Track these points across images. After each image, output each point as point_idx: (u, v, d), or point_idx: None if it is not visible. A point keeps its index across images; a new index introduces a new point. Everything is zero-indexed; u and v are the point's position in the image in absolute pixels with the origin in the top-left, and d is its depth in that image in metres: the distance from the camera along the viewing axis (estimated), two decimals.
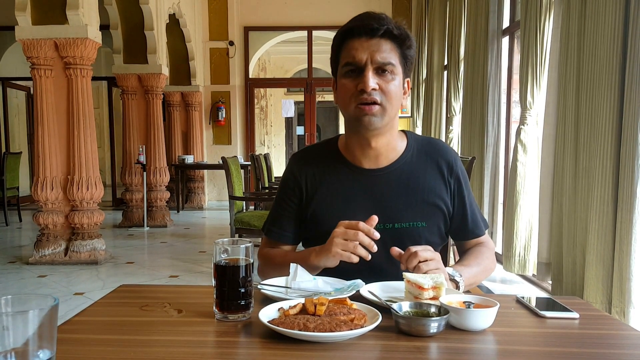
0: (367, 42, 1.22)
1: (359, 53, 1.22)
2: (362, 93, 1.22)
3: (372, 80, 1.21)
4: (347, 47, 1.25)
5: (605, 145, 2.71)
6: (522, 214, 3.84)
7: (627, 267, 2.51)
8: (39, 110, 4.66)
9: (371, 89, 1.21)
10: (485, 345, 0.93)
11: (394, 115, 1.29)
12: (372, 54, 1.22)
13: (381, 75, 1.23)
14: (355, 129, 1.30)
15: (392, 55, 1.23)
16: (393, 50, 1.24)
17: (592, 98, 2.86)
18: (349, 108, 1.26)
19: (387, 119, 1.26)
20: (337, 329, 0.89)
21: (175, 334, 0.97)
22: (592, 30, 2.84)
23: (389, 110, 1.25)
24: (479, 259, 1.37)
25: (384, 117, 1.25)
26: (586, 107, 2.92)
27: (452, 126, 6.09)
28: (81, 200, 4.75)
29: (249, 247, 1.05)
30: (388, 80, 1.23)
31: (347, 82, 1.25)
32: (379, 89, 1.22)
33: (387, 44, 1.23)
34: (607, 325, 1.04)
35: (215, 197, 9.29)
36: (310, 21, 8.77)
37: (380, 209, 1.30)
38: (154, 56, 6.69)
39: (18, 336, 0.65)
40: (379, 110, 1.23)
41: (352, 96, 1.24)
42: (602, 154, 2.73)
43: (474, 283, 1.32)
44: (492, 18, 4.69)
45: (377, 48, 1.22)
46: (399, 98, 1.27)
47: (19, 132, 10.16)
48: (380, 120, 1.25)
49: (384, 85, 1.23)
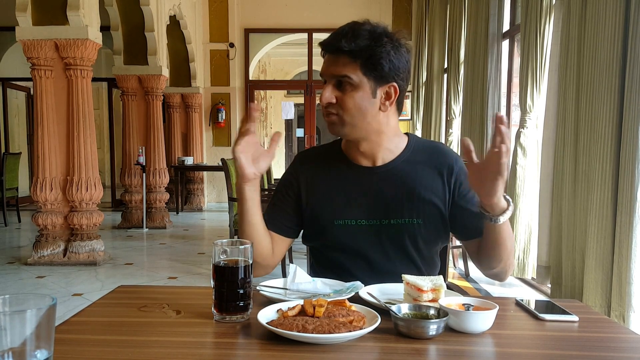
0: (329, 58, 1.30)
1: (324, 67, 1.31)
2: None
3: (328, 94, 1.28)
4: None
5: (605, 149, 2.71)
6: (522, 217, 3.84)
7: (626, 271, 2.51)
8: (39, 111, 4.66)
9: (326, 103, 1.28)
10: (484, 347, 0.93)
11: (364, 125, 1.30)
12: (328, 69, 1.29)
13: (340, 88, 1.28)
14: None
15: (348, 69, 1.26)
16: (349, 64, 1.26)
17: (592, 101, 2.86)
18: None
19: (351, 128, 1.30)
20: (336, 331, 0.89)
21: (174, 335, 0.96)
22: (592, 34, 2.85)
23: (349, 121, 1.29)
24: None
25: (344, 127, 1.30)
26: (586, 110, 2.92)
27: (452, 129, 6.09)
28: (80, 201, 4.75)
29: (248, 249, 1.05)
30: (346, 91, 1.28)
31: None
32: (337, 101, 1.28)
33: (344, 59, 1.27)
34: (607, 329, 1.04)
35: (215, 199, 9.29)
36: (311, 23, 8.78)
37: (377, 205, 1.34)
38: (154, 57, 6.70)
39: (15, 336, 0.65)
40: (337, 120, 1.29)
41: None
42: (601, 157, 2.73)
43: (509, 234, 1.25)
44: (492, 21, 4.69)
45: (334, 63, 1.28)
46: (364, 108, 1.28)
47: (19, 132, 10.16)
48: (341, 129, 1.31)
49: (341, 97, 1.28)
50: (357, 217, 1.34)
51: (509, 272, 1.34)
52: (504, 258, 1.28)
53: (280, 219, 1.39)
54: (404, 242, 1.34)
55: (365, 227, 1.34)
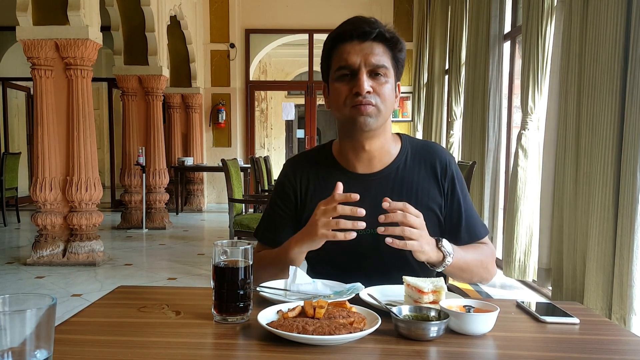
0: (359, 46, 1.23)
1: (352, 56, 1.23)
2: (357, 96, 1.23)
3: (366, 83, 1.22)
4: (340, 51, 1.26)
5: (606, 151, 2.71)
6: (523, 219, 3.83)
7: (627, 273, 2.51)
8: (39, 111, 4.66)
9: (366, 92, 1.22)
10: (485, 349, 0.93)
11: (388, 117, 1.30)
12: (365, 57, 1.22)
13: (374, 78, 1.24)
14: (350, 131, 1.30)
15: (384, 58, 1.24)
16: (385, 53, 1.25)
17: (593, 103, 2.86)
18: (343, 110, 1.27)
19: (381, 120, 1.27)
20: (336, 332, 0.89)
21: (173, 335, 0.96)
22: (594, 35, 2.84)
23: (383, 112, 1.26)
24: (477, 250, 1.33)
25: (378, 118, 1.26)
26: (587, 112, 2.92)
27: (453, 131, 6.09)
28: (80, 201, 4.74)
29: (248, 249, 1.05)
30: (382, 82, 1.24)
31: (341, 85, 1.26)
32: (374, 92, 1.23)
33: (379, 47, 1.24)
34: (608, 331, 1.04)
35: (215, 200, 9.28)
36: (312, 24, 8.78)
37: (374, 213, 1.29)
38: (154, 58, 6.70)
39: (15, 336, 0.65)
40: (374, 110, 1.24)
41: (347, 99, 1.25)
42: (603, 159, 2.73)
43: (463, 267, 1.26)
44: (493, 22, 4.69)
45: (370, 51, 1.23)
46: (392, 101, 1.29)
47: (19, 132, 10.16)
48: (375, 121, 1.26)
49: (378, 87, 1.24)
50: None
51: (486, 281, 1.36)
52: (466, 280, 1.33)
53: (281, 236, 1.34)
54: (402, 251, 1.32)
55: (363, 236, 1.29)
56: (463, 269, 1.26)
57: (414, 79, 8.00)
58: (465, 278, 1.31)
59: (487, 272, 1.34)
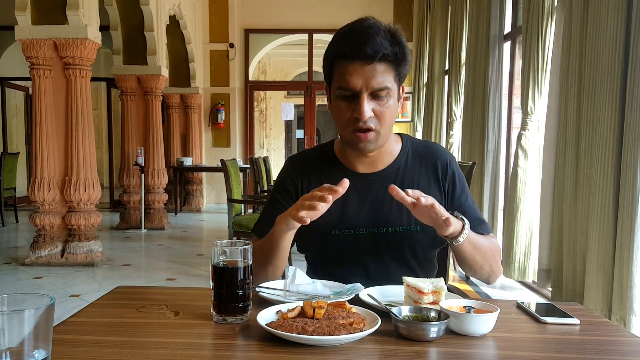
0: (361, 68, 1.18)
1: (353, 79, 1.19)
2: (357, 121, 1.21)
3: (367, 108, 1.19)
4: (341, 68, 1.21)
5: (606, 152, 2.71)
6: (523, 219, 3.83)
7: (627, 274, 2.50)
8: (38, 111, 4.65)
9: (367, 118, 1.20)
10: (485, 350, 0.93)
11: (389, 132, 1.29)
12: (367, 80, 1.18)
13: (376, 99, 1.21)
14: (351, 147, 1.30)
15: (387, 78, 1.20)
16: (388, 72, 1.20)
17: (593, 104, 2.86)
18: (344, 132, 1.26)
19: (381, 141, 1.27)
20: (336, 333, 0.89)
21: (172, 336, 0.96)
22: (594, 36, 2.84)
23: (382, 133, 1.25)
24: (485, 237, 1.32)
25: (377, 141, 1.25)
26: (587, 113, 2.92)
27: (453, 131, 6.09)
28: (78, 201, 4.74)
29: (247, 249, 1.04)
30: (383, 103, 1.22)
31: (342, 105, 1.23)
32: (374, 115, 1.21)
33: (382, 66, 1.19)
34: (608, 332, 1.03)
35: (214, 200, 9.28)
36: (311, 24, 8.78)
37: (374, 213, 1.31)
38: (153, 57, 6.69)
39: (14, 336, 0.65)
40: (373, 136, 1.24)
41: (348, 122, 1.23)
42: (603, 160, 2.73)
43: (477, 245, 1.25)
44: (493, 23, 4.69)
45: (372, 74, 1.18)
46: (394, 114, 1.26)
47: (17, 132, 10.15)
48: (374, 144, 1.26)
49: (379, 110, 1.22)
50: (355, 226, 1.31)
51: (495, 277, 1.34)
52: (478, 270, 1.29)
53: None
54: (402, 250, 1.32)
55: (363, 235, 1.31)
56: (477, 248, 1.24)
57: (414, 79, 8.00)
58: (478, 263, 1.27)
59: (497, 265, 1.32)
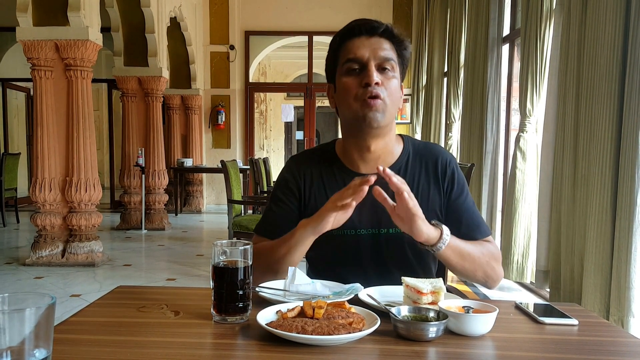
0: (367, 40, 1.26)
1: (360, 50, 1.25)
2: (367, 87, 1.23)
3: (375, 74, 1.24)
4: (348, 46, 1.28)
5: (604, 153, 2.71)
6: (521, 221, 3.83)
7: (625, 275, 2.51)
8: (39, 112, 4.66)
9: (375, 83, 1.23)
10: (483, 350, 0.93)
11: (394, 115, 1.30)
12: (374, 50, 1.25)
13: (382, 72, 1.26)
14: (356, 130, 1.29)
15: (392, 53, 1.27)
16: (392, 49, 1.28)
17: (591, 106, 2.86)
18: (353, 105, 1.26)
19: (388, 116, 1.26)
20: (335, 333, 0.89)
21: (172, 335, 0.96)
22: (592, 38, 2.85)
23: (389, 107, 1.26)
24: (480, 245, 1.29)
25: (385, 114, 1.25)
26: (586, 115, 2.93)
27: (452, 133, 6.10)
28: (79, 202, 4.74)
29: (247, 249, 1.05)
30: (389, 77, 1.26)
31: (350, 79, 1.26)
32: (382, 85, 1.24)
33: (386, 43, 1.27)
34: (606, 332, 1.04)
35: (214, 201, 9.28)
36: (311, 26, 8.79)
37: (376, 214, 1.30)
38: (154, 59, 6.70)
39: (14, 335, 0.65)
40: (382, 105, 1.24)
41: (357, 94, 1.25)
42: (601, 161, 2.73)
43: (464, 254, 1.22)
44: (492, 25, 4.70)
45: (379, 45, 1.26)
46: (399, 97, 1.30)
47: (18, 133, 10.16)
48: (382, 117, 1.25)
49: (386, 81, 1.25)
50: (356, 227, 1.30)
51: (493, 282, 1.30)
52: (471, 276, 1.27)
53: (282, 231, 1.30)
54: (403, 251, 1.32)
55: (365, 236, 1.31)
56: (463, 256, 1.22)
57: (413, 82, 8.00)
58: (469, 270, 1.25)
59: (492, 270, 1.29)
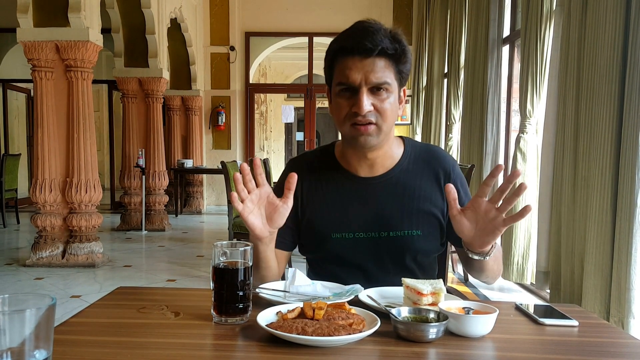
0: (360, 62, 1.19)
1: (352, 73, 1.19)
2: (357, 115, 1.20)
3: (366, 102, 1.19)
4: (341, 64, 1.22)
5: (604, 154, 2.71)
6: (521, 222, 3.83)
7: (625, 276, 2.51)
8: (39, 113, 4.66)
9: (366, 112, 1.19)
10: (483, 351, 0.93)
11: (389, 132, 1.28)
12: (366, 74, 1.18)
13: (376, 94, 1.21)
14: (351, 145, 1.29)
15: (386, 74, 1.20)
16: (388, 68, 1.21)
17: (591, 107, 2.86)
18: (343, 127, 1.25)
19: (382, 136, 1.25)
20: (336, 334, 0.89)
21: (173, 336, 0.96)
22: (592, 40, 2.85)
23: (384, 129, 1.24)
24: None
25: (379, 135, 1.24)
26: (586, 116, 2.93)
27: (452, 134, 6.09)
28: (79, 202, 4.74)
29: (247, 250, 1.05)
30: (383, 99, 1.21)
31: (342, 101, 1.23)
32: (374, 109, 1.21)
33: (381, 62, 1.19)
34: (607, 333, 1.04)
35: (214, 202, 9.28)
36: (311, 27, 8.79)
37: (375, 217, 1.30)
38: (154, 60, 6.70)
39: (15, 336, 0.65)
40: (374, 129, 1.22)
41: (347, 116, 1.23)
42: (601, 163, 2.73)
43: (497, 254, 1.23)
44: (492, 27, 4.70)
45: (372, 68, 1.18)
46: (395, 113, 1.26)
47: (19, 134, 10.16)
48: (376, 139, 1.24)
49: (379, 104, 1.21)
50: (355, 230, 1.30)
51: (497, 278, 1.35)
52: (490, 275, 1.30)
53: (282, 235, 1.28)
54: (403, 255, 1.32)
55: (364, 239, 1.30)
56: (496, 258, 1.24)
57: (413, 83, 8.00)
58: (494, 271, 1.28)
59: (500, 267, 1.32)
